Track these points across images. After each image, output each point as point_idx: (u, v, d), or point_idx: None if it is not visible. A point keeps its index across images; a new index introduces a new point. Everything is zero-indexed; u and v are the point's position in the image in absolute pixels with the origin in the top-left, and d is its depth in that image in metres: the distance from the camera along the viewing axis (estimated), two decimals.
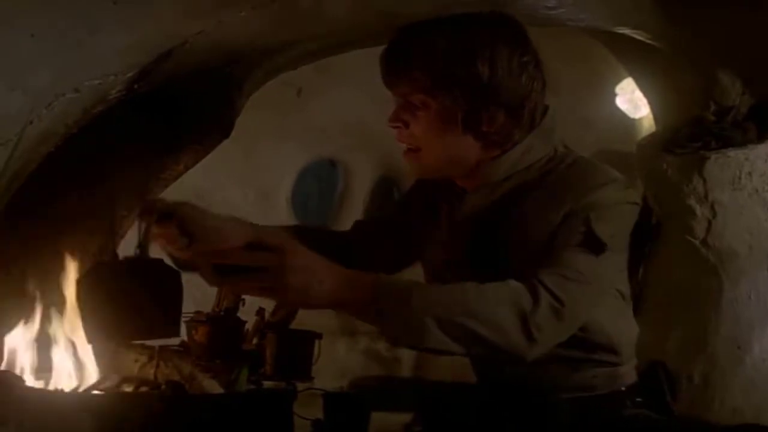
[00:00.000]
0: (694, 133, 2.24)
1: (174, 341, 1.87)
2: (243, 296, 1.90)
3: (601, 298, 1.37)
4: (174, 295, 1.53)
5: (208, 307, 1.90)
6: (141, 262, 1.32)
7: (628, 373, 1.49)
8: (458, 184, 1.48)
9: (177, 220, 1.32)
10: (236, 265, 1.13)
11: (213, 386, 1.55)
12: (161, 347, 1.73)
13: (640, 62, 2.43)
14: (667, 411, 1.52)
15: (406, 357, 3.75)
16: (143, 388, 1.60)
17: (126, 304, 1.47)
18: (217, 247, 1.27)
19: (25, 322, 1.59)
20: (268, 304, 1.96)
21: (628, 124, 3.21)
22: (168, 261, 1.36)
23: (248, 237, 1.19)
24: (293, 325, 1.90)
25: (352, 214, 4.03)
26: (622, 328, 1.48)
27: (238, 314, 1.89)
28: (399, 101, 1.41)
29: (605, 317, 1.40)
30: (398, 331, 1.19)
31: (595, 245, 1.28)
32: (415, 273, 1.60)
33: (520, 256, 1.34)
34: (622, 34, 2.01)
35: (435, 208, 1.53)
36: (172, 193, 2.16)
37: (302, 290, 1.13)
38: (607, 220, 1.31)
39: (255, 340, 1.91)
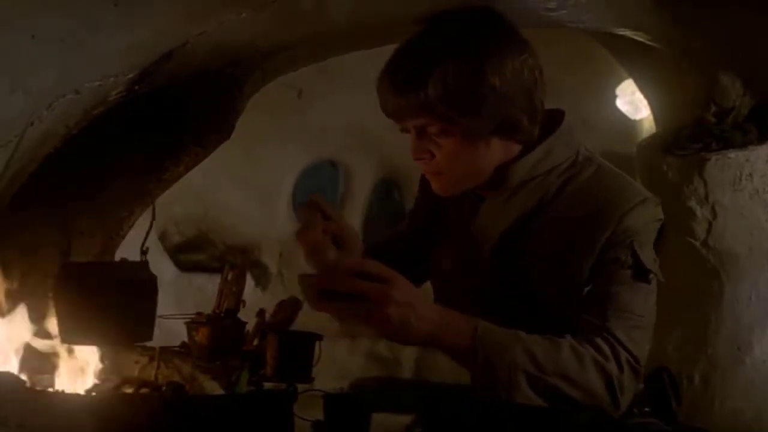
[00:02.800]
0: (695, 135, 2.25)
1: (174, 342, 1.88)
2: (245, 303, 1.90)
3: None
4: (148, 300, 1.53)
5: (208, 309, 1.90)
6: (116, 265, 1.32)
7: None
8: (472, 188, 1.43)
9: (335, 224, 1.33)
10: (338, 291, 1.12)
11: (213, 387, 1.55)
12: (162, 348, 1.73)
13: (641, 64, 2.44)
14: (673, 417, 1.51)
15: (407, 358, 3.75)
16: (144, 390, 1.60)
17: (98, 307, 1.48)
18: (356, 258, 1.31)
19: (25, 323, 1.60)
20: (269, 306, 1.96)
21: (628, 125, 3.21)
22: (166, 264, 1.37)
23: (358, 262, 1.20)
24: (294, 327, 1.90)
25: (352, 215, 4.03)
26: (642, 342, 1.48)
27: (239, 315, 1.89)
28: (413, 133, 1.35)
29: None
30: (489, 381, 1.19)
31: (642, 275, 1.29)
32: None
33: (542, 269, 1.32)
34: (623, 36, 2.01)
35: (444, 212, 1.49)
36: (173, 193, 2.17)
37: (401, 324, 1.13)
38: (647, 243, 1.31)
39: (255, 342, 1.90)
